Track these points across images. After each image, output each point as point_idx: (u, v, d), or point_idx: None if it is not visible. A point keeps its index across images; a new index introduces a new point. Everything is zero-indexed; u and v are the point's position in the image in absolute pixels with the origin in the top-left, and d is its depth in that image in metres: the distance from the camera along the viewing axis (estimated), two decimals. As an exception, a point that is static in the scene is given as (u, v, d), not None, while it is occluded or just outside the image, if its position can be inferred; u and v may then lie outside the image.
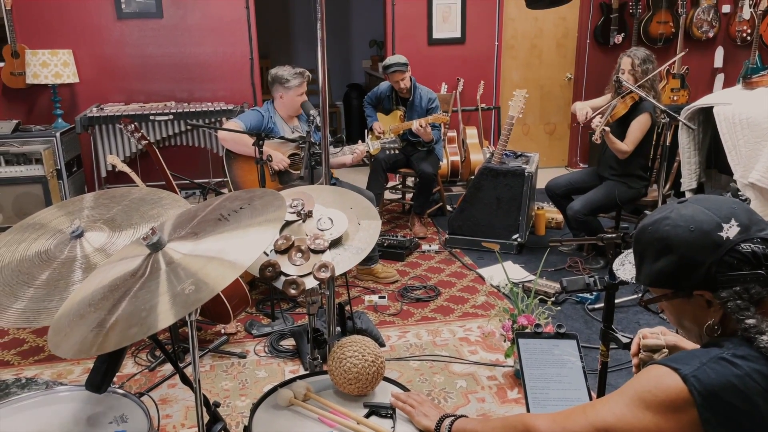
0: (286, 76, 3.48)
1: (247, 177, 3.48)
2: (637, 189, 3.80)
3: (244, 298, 2.99)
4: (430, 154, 4.60)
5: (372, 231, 1.76)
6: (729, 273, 1.05)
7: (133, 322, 1.27)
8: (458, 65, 5.83)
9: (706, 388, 1.02)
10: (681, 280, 1.10)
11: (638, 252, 1.17)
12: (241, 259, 1.32)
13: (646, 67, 3.66)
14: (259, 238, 1.36)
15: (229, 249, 1.35)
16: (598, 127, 3.51)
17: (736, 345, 1.06)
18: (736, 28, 5.96)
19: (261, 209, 1.45)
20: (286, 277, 1.63)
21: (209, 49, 5.29)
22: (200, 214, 1.49)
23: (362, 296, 3.58)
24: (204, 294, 1.27)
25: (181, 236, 1.44)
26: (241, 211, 1.45)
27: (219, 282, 1.28)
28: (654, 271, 1.13)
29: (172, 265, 1.37)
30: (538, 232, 4.54)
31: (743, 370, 1.02)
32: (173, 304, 1.28)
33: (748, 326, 1.03)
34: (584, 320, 3.27)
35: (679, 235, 1.08)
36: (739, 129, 3.34)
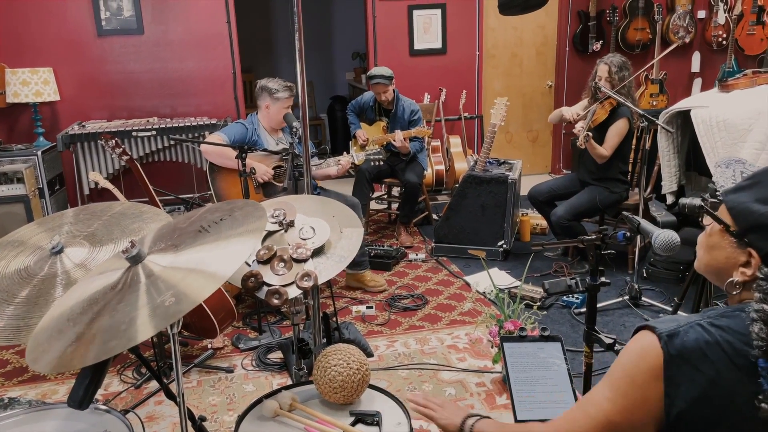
0: (276, 87, 3.51)
1: (231, 190, 3.47)
2: (618, 193, 3.84)
3: (231, 312, 2.97)
4: (414, 163, 4.62)
5: (354, 239, 1.76)
6: None
7: (113, 336, 1.26)
8: (440, 75, 5.87)
9: (675, 347, 1.04)
10: (756, 233, 1.06)
11: (757, 179, 1.09)
12: (221, 269, 1.31)
13: (622, 74, 3.71)
14: (239, 249, 1.35)
15: (209, 260, 1.34)
16: (582, 132, 3.55)
17: (719, 316, 1.07)
18: (712, 33, 6.07)
19: (241, 220, 1.45)
20: (269, 287, 1.62)
21: (191, 64, 5.29)
22: (180, 227, 1.49)
23: (350, 307, 3.57)
24: (184, 305, 1.26)
25: (161, 249, 1.43)
26: (221, 223, 1.45)
27: (199, 293, 1.28)
28: (747, 206, 1.07)
29: (152, 277, 1.37)
30: (523, 239, 4.56)
31: (714, 337, 1.03)
32: (153, 317, 1.27)
33: (761, 310, 1.02)
34: (570, 324, 3.29)
35: None
36: (717, 131, 3.39)
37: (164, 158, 4.95)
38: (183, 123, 4.90)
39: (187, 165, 5.09)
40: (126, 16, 5.10)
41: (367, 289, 3.77)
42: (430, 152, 5.59)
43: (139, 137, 4.75)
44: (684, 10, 6.02)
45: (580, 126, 3.64)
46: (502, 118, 4.18)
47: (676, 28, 6.05)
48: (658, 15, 5.82)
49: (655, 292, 3.60)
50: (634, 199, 3.87)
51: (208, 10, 5.22)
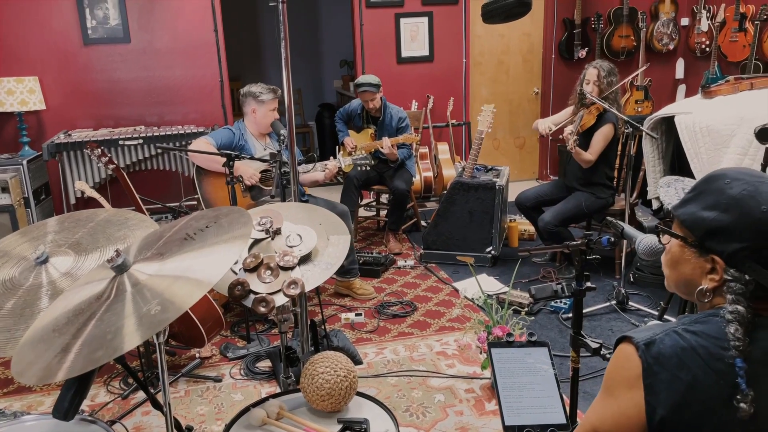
0: (260, 90, 3.53)
1: (219, 194, 3.47)
2: (604, 198, 3.88)
3: (218, 321, 2.96)
4: (402, 170, 4.63)
5: (341, 246, 1.76)
6: (756, 264, 1.05)
7: (99, 346, 1.26)
8: (428, 82, 5.91)
9: (653, 355, 1.06)
10: (712, 238, 1.09)
11: (699, 189, 1.13)
12: (207, 277, 1.31)
13: (610, 80, 3.76)
14: (225, 255, 1.36)
15: (195, 267, 1.34)
16: (570, 137, 3.58)
17: (693, 322, 1.09)
18: (695, 40, 6.15)
19: (227, 227, 1.45)
20: (256, 295, 1.62)
21: (178, 72, 5.28)
22: (166, 235, 1.49)
23: (338, 314, 3.57)
24: (170, 314, 1.26)
25: (147, 257, 1.43)
26: (207, 230, 1.45)
27: (185, 301, 1.28)
28: (697, 215, 1.10)
29: (137, 286, 1.36)
30: (511, 244, 4.58)
31: (689, 343, 1.06)
32: (139, 326, 1.27)
33: (735, 311, 1.05)
34: (558, 329, 3.30)
35: (750, 205, 1.05)
36: (700, 137, 3.44)
37: (151, 167, 4.93)
38: (170, 131, 4.89)
39: (174, 173, 5.07)
40: (112, 24, 5.09)
41: (355, 297, 3.77)
42: (418, 159, 5.61)
43: (125, 146, 4.73)
44: (667, 18, 6.10)
45: (568, 131, 3.67)
46: (489, 125, 4.21)
47: (660, 35, 6.13)
48: (642, 22, 5.90)
49: (641, 297, 3.64)
50: (620, 205, 3.90)
51: (195, 18, 5.22)
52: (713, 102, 3.66)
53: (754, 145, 3.13)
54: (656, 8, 6.13)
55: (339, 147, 4.87)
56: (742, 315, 1.04)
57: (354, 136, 4.76)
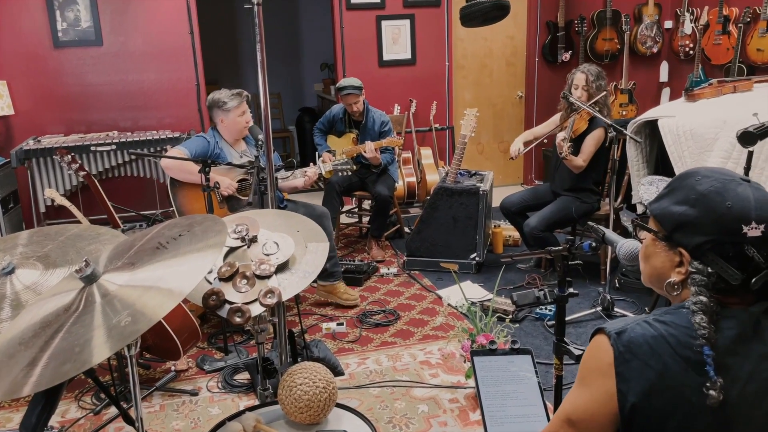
0: (223, 99, 3.49)
1: (194, 205, 3.45)
2: (590, 203, 3.92)
3: (195, 332, 2.94)
4: (385, 176, 4.65)
5: (320, 253, 1.77)
6: (718, 257, 1.12)
7: (67, 359, 1.25)
8: (410, 86, 5.94)
9: (624, 342, 1.12)
10: (680, 232, 1.16)
11: (673, 186, 1.21)
12: (180, 287, 1.31)
13: (599, 83, 3.80)
14: (198, 265, 1.35)
15: (167, 277, 1.34)
16: (564, 143, 3.60)
17: (663, 313, 1.16)
18: (679, 42, 6.26)
19: (201, 235, 1.45)
20: (231, 305, 1.62)
21: (153, 75, 5.25)
22: (137, 244, 1.48)
23: (319, 324, 3.56)
24: (141, 325, 1.25)
25: (117, 267, 1.42)
26: (180, 239, 1.44)
27: (157, 312, 1.27)
28: (668, 209, 1.18)
29: (107, 297, 1.35)
30: (496, 251, 4.61)
31: (659, 331, 1.12)
32: (109, 338, 1.26)
33: (698, 301, 1.11)
34: (543, 336, 3.33)
35: (715, 201, 1.13)
36: (684, 140, 3.50)
37: (125, 173, 4.89)
38: (144, 137, 4.85)
39: (148, 180, 5.03)
40: (84, 26, 5.05)
41: (339, 302, 3.76)
42: (401, 164, 5.63)
43: (98, 152, 4.69)
44: (651, 21, 6.20)
45: (561, 138, 3.68)
46: (473, 129, 4.24)
47: (643, 38, 6.23)
48: (626, 25, 5.99)
49: (627, 303, 3.68)
50: (605, 210, 3.95)
51: (169, 20, 5.20)
52: (697, 105, 3.74)
53: (737, 148, 3.20)
54: (640, 11, 6.23)
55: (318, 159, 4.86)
56: (706, 305, 1.10)
57: (335, 141, 4.76)
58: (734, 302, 1.13)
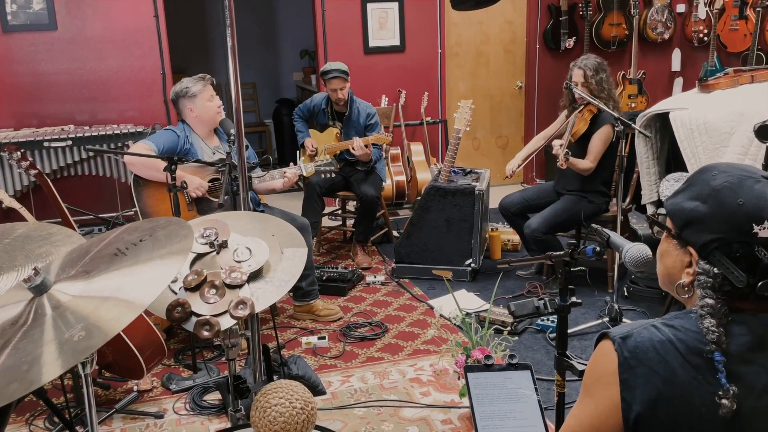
0: (186, 84, 3.49)
1: (160, 206, 3.43)
2: (598, 204, 3.95)
3: (159, 348, 2.92)
4: (371, 174, 4.65)
5: (297, 260, 1.77)
6: (725, 258, 1.13)
7: (13, 378, 1.24)
8: (399, 75, 5.95)
9: (629, 347, 1.14)
10: (689, 229, 1.18)
11: (690, 181, 1.23)
12: (140, 297, 1.30)
13: (599, 77, 3.82)
14: (161, 273, 1.35)
15: (126, 287, 1.34)
16: (561, 150, 3.61)
17: (672, 317, 1.18)
18: (692, 28, 6.33)
19: (164, 240, 1.44)
20: (198, 317, 1.61)
21: (113, 63, 5.23)
22: (93, 250, 1.47)
23: (299, 338, 3.55)
24: (96, 340, 1.25)
25: (71, 276, 1.42)
26: (141, 244, 1.44)
27: (114, 325, 1.27)
28: (680, 205, 1.20)
29: (59, 309, 1.35)
30: (493, 256, 4.63)
31: (666, 336, 1.14)
32: (60, 354, 1.25)
33: (705, 304, 1.13)
34: (546, 350, 3.34)
35: (727, 197, 1.14)
36: (697, 135, 3.53)
37: (82, 172, 4.85)
38: (104, 131, 4.83)
39: (108, 179, 5.00)
40: (36, 9, 5.01)
41: (319, 320, 3.77)
42: (389, 161, 5.64)
43: (52, 148, 4.65)
44: (662, 4, 6.26)
45: (558, 144, 3.69)
46: (467, 123, 4.26)
47: (654, 23, 6.29)
48: (635, 9, 6.04)
49: (636, 313, 3.70)
50: (613, 211, 3.98)
51: (132, 2, 5.18)
52: (711, 96, 3.77)
53: (755, 143, 3.23)
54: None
55: (299, 150, 4.86)
56: (713, 307, 1.12)
57: (317, 137, 4.76)
58: (748, 307, 1.15)
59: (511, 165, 4.09)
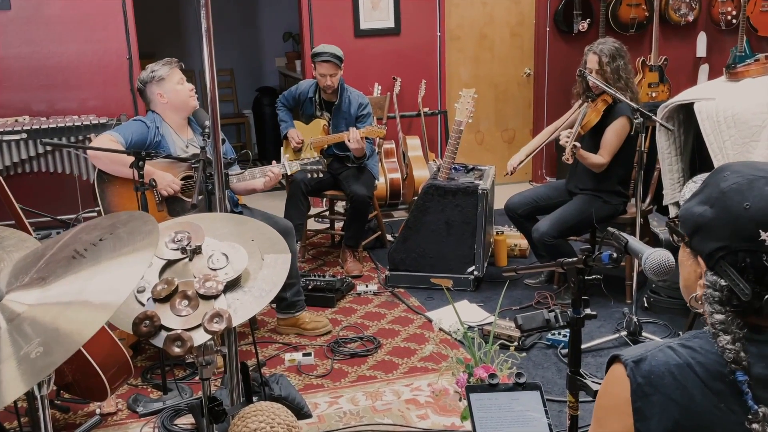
0: (152, 69, 3.51)
1: (126, 206, 3.43)
2: (614, 205, 3.96)
3: (125, 366, 2.92)
4: (362, 171, 4.65)
5: (279, 267, 1.77)
6: (730, 268, 1.12)
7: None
8: (393, 61, 5.95)
9: (642, 373, 1.13)
10: (696, 236, 1.18)
11: (705, 182, 1.23)
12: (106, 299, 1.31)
13: (617, 64, 3.83)
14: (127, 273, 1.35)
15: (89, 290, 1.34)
16: (568, 143, 3.61)
17: (691, 337, 1.17)
18: (720, 9, 6.36)
19: (127, 238, 1.44)
20: (168, 331, 1.61)
21: (74, 47, 5.21)
22: (48, 254, 1.47)
23: (281, 354, 3.55)
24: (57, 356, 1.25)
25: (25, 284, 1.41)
26: (101, 244, 1.44)
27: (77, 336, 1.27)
28: (690, 210, 1.20)
29: (14, 321, 1.35)
30: (498, 263, 4.64)
31: (684, 359, 1.13)
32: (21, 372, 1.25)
33: (715, 321, 1.13)
34: (557, 368, 3.35)
35: (733, 200, 1.14)
36: (725, 128, 3.55)
37: (38, 168, 4.84)
38: (63, 123, 4.82)
39: (68, 177, 4.99)
40: (-13, -14, 5.00)
41: (305, 334, 3.76)
42: (382, 157, 5.64)
43: (4, 142, 4.64)
44: (686, -17, 6.30)
45: (565, 135, 3.70)
46: (470, 114, 4.27)
47: (677, 4, 6.32)
48: (656, -13, 6.07)
49: (658, 326, 3.72)
50: (631, 212, 3.99)
51: (95, -22, 5.17)
52: (740, 85, 3.79)
53: (789, 138, 3.25)
54: (672, -30, 6.32)
55: (283, 148, 4.85)
56: (725, 323, 1.11)
57: (302, 129, 4.76)
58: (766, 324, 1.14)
59: (513, 161, 4.10)
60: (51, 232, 4.69)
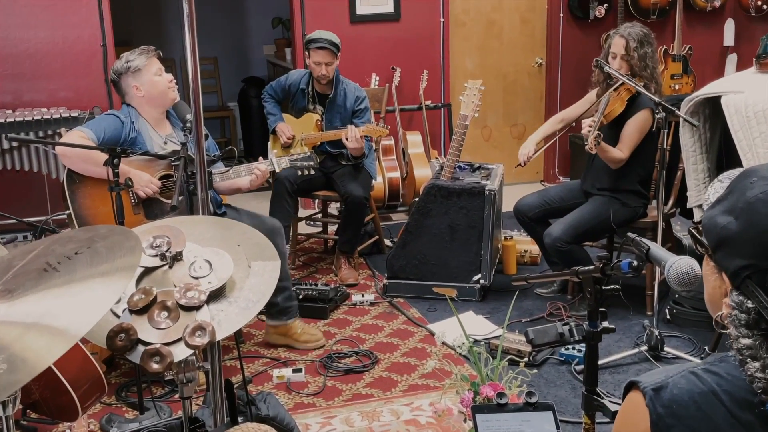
0: (127, 59, 3.50)
1: (99, 209, 3.43)
2: (634, 208, 3.96)
3: (98, 382, 2.91)
4: (358, 170, 4.65)
5: (268, 276, 1.77)
6: (758, 289, 1.10)
7: None
8: (392, 50, 5.96)
9: (663, 402, 1.12)
10: (721, 251, 1.15)
11: (731, 187, 1.20)
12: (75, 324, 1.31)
13: (644, 51, 3.84)
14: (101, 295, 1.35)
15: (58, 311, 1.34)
16: (591, 132, 3.62)
17: (717, 361, 1.16)
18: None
19: (105, 254, 1.44)
20: (146, 346, 1.61)
21: (43, 33, 5.21)
22: (17, 264, 1.47)
23: (269, 370, 3.55)
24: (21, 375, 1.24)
25: (-11, 296, 1.41)
26: (76, 258, 1.44)
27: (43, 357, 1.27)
28: (714, 219, 1.17)
29: (-25, 337, 1.34)
30: (507, 271, 4.64)
31: (709, 386, 1.12)
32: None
33: (742, 346, 1.11)
34: (571, 386, 3.36)
35: (759, 213, 1.10)
36: (755, 124, 3.55)
37: (3, 166, 4.84)
38: (31, 116, 4.82)
39: (36, 176, 4.99)
40: (-53, -35, 5.00)
41: (297, 346, 3.76)
42: (380, 154, 5.65)
43: (-34, 137, 4.64)
44: (712, -36, 6.31)
45: (588, 124, 3.70)
46: (476, 108, 4.27)
47: (702, -13, 6.33)
48: (679, -29, 6.08)
49: (681, 340, 3.73)
50: (652, 216, 4.00)
51: (66, -42, 5.18)
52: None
53: (825, 135, 3.26)
54: (697, -49, 6.33)
55: (270, 144, 4.84)
56: (753, 347, 1.09)
57: (291, 124, 4.76)
58: None
59: (525, 150, 4.07)
60: (17, 236, 4.69)
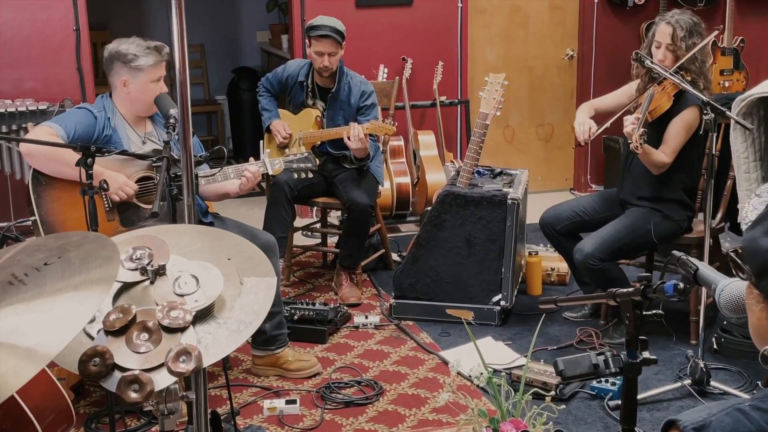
0: (134, 52, 3.48)
1: (68, 214, 3.44)
2: (677, 221, 3.95)
3: (65, 412, 2.91)
4: (363, 174, 4.66)
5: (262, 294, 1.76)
6: None
7: None
8: (403, 38, 5.97)
9: None
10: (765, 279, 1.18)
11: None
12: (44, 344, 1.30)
13: (693, 41, 3.85)
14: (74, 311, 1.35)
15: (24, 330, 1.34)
16: (635, 130, 3.61)
17: (765, 397, 1.17)
18: (811, -21, 6.37)
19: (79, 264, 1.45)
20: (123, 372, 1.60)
21: (8, 16, 5.24)
22: (-21, 276, 1.48)
23: (259, 401, 3.55)
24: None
25: (-53, 312, 1.42)
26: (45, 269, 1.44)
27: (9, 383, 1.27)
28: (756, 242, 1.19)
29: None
30: (531, 291, 4.64)
31: (758, 425, 1.13)
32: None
33: None
34: (603, 424, 3.35)
35: None
36: (816, 128, 3.55)
37: (-38, 165, 4.87)
38: (-7, 109, 4.84)
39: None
40: None
41: (288, 375, 3.76)
42: (387, 157, 5.65)
43: None
44: (768, -55, 6.31)
45: (632, 121, 3.69)
46: (498, 105, 4.27)
47: (756, -28, 6.33)
48: (731, -49, 6.08)
49: (729, 373, 3.71)
50: (698, 231, 3.99)
51: (36, -70, 5.21)
52: (835, 75, 3.80)
53: None
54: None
55: (263, 142, 4.85)
56: None
57: (289, 121, 4.76)
58: None
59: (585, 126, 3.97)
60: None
